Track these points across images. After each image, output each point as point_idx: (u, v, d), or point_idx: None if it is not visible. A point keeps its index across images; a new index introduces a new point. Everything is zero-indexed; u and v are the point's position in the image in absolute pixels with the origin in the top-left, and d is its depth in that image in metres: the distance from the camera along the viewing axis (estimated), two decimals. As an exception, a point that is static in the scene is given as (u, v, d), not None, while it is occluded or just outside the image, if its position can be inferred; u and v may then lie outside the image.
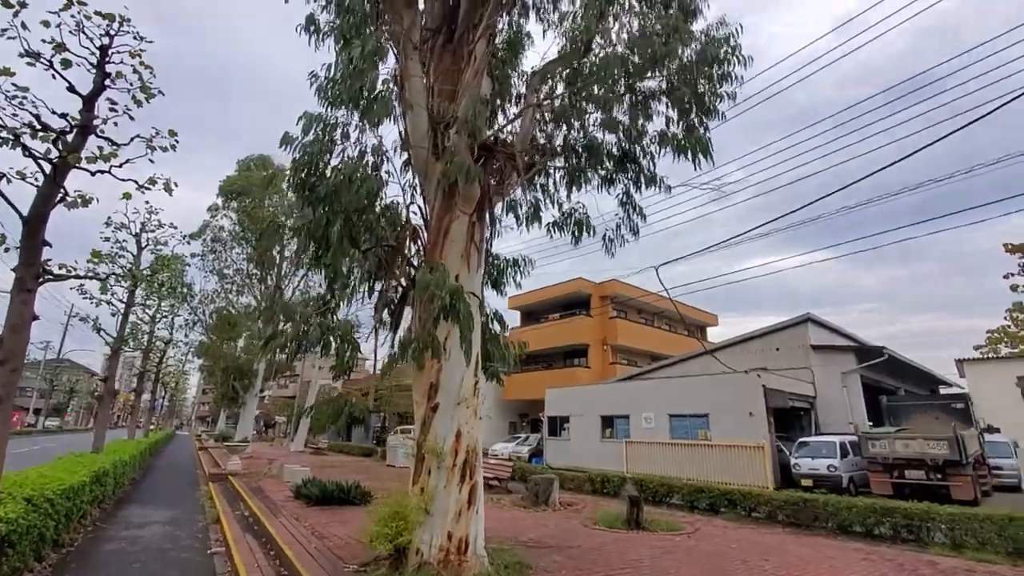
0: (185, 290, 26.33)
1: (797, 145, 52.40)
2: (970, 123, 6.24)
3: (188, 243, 23.10)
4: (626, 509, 9.07)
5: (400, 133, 6.56)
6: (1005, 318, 10.31)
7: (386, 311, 6.41)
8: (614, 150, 6.30)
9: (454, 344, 5.60)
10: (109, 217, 13.47)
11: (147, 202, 14.90)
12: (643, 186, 6.19)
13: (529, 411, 40.03)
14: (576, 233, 6.42)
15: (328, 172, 5.83)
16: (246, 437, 25.16)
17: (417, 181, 6.55)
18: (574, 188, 6.75)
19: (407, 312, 6.62)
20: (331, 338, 5.06)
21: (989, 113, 6.06)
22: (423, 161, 6.03)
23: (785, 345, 24.84)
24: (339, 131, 5.78)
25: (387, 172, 6.19)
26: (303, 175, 5.67)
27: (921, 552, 8.30)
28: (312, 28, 6.37)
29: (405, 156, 6.67)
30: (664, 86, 5.88)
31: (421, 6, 6.36)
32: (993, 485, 17.85)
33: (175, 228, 15.16)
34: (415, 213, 6.37)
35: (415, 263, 6.18)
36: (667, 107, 6.19)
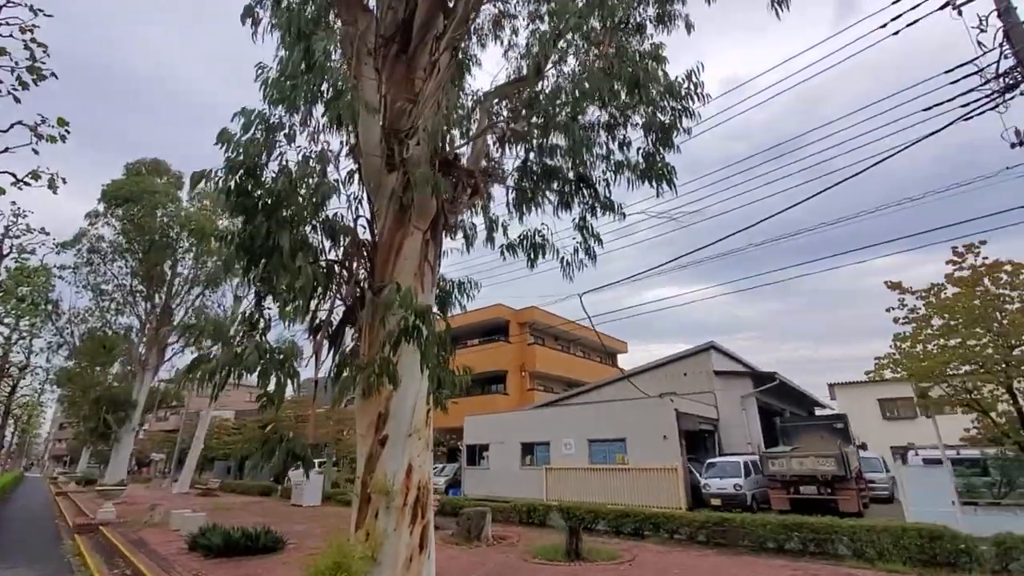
0: (49, 307, 22.79)
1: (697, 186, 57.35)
2: (824, 189, 7.10)
3: (58, 253, 20.19)
4: (564, 540, 8.86)
5: (342, 142, 6.11)
6: (891, 346, 11.82)
7: (319, 334, 5.78)
8: (570, 175, 6.30)
9: (406, 369, 5.15)
10: (-38, 219, 11.35)
11: (13, 203, 12.59)
12: (599, 212, 6.24)
13: (443, 440, 38.88)
14: (532, 256, 6.29)
15: (266, 176, 5.24)
16: (122, 480, 21.82)
17: (364, 194, 6.10)
18: (527, 211, 6.64)
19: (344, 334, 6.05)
20: (269, 364, 4.40)
21: (845, 180, 6.93)
22: (375, 172, 5.61)
23: (691, 371, 26.38)
24: (283, 132, 5.23)
25: (334, 180, 5.68)
26: (238, 178, 5.02)
27: (838, 565, 8.89)
28: (251, 20, 5.78)
29: (348, 167, 6.19)
30: (621, 117, 6.01)
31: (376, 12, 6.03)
32: (870, 497, 19.89)
33: (46, 234, 13.05)
34: (363, 227, 5.88)
35: (359, 281, 5.66)
36: (618, 144, 6.34)
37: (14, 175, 6.45)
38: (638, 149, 5.93)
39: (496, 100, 6.67)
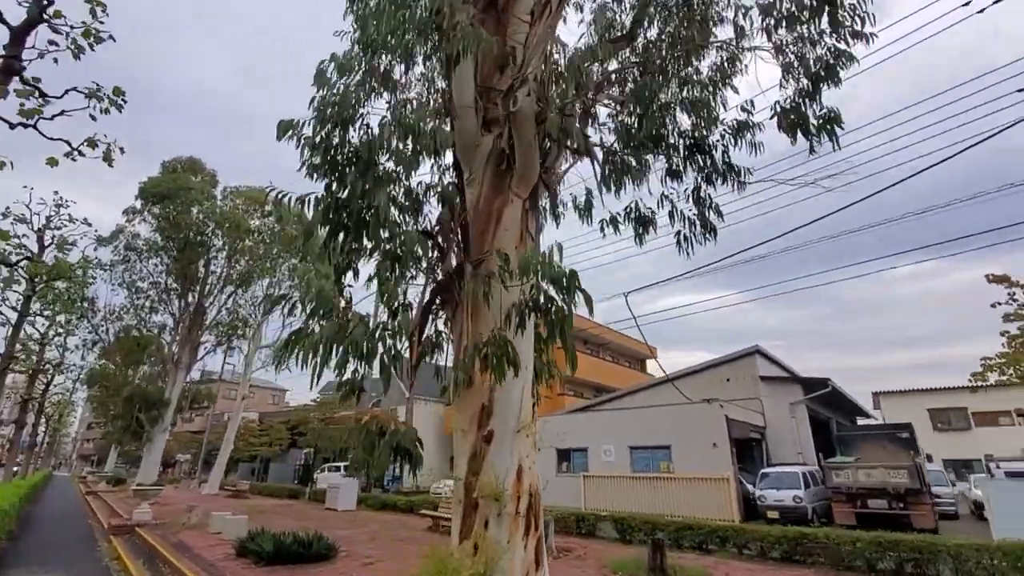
0: (85, 304, 22.67)
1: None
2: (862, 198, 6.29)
3: (96, 249, 20.03)
4: (647, 555, 8.02)
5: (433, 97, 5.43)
6: (1003, 344, 10.83)
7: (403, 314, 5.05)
8: (679, 141, 5.53)
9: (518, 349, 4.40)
10: (7, 207, 10.97)
11: (55, 192, 12.23)
12: (716, 180, 5.44)
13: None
14: (640, 231, 5.52)
15: (354, 134, 4.58)
16: (158, 480, 21.49)
17: (450, 158, 5.40)
18: (625, 183, 5.88)
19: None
20: (380, 343, 3.66)
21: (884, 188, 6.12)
22: (469, 131, 4.92)
23: (734, 376, 25.26)
24: (376, 80, 4.57)
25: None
26: (330, 129, 4.38)
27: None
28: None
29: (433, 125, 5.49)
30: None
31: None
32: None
33: (88, 225, 12.66)
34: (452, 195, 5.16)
35: (456, 252, 4.94)
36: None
37: (68, 143, 5.89)
38: (776, 102, 5.11)
39: (591, 61, 5.92)
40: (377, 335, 3.72)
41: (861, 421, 34.01)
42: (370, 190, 4.15)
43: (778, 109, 4.98)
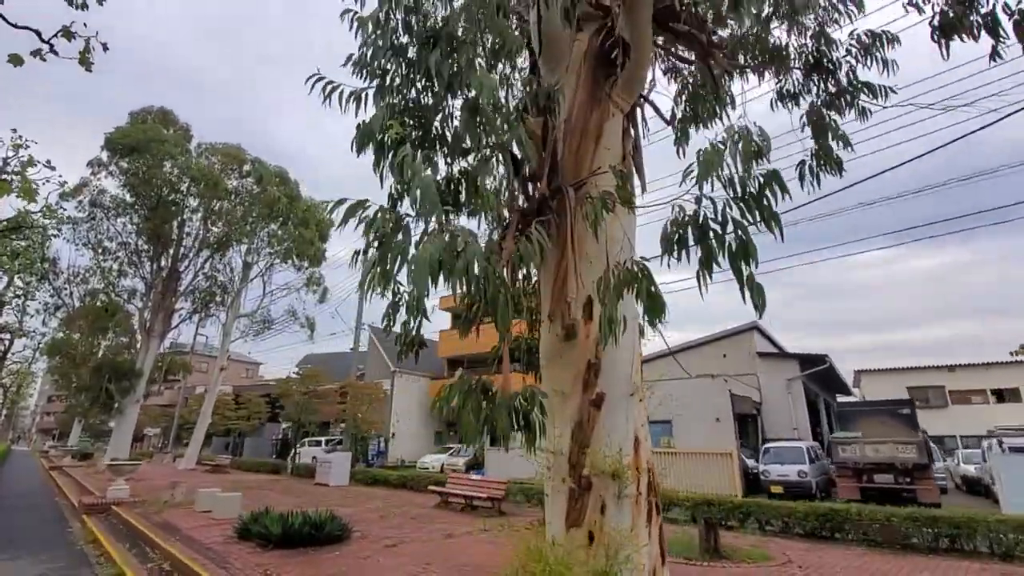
0: (46, 265, 20.76)
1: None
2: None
3: (57, 203, 18.21)
4: (699, 534, 7.38)
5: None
6: None
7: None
8: (799, 55, 4.62)
9: (628, 300, 3.51)
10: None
11: (13, 130, 10.51)
12: (844, 105, 4.56)
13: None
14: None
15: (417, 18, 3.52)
16: (144, 454, 20.09)
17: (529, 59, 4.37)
18: (719, 111, 4.95)
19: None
20: (490, 270, 2.68)
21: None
22: (557, 27, 3.90)
23: (731, 352, 25.07)
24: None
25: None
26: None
27: (1008, 564, 7.58)
28: None
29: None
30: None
31: None
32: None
33: (52, 168, 11.02)
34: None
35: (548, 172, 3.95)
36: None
37: (38, 32, 4.63)
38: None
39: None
40: (490, 258, 2.74)
41: (841, 399, 34.56)
42: (457, 74, 3.11)
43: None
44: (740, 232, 2.73)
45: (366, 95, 3.51)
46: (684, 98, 5.03)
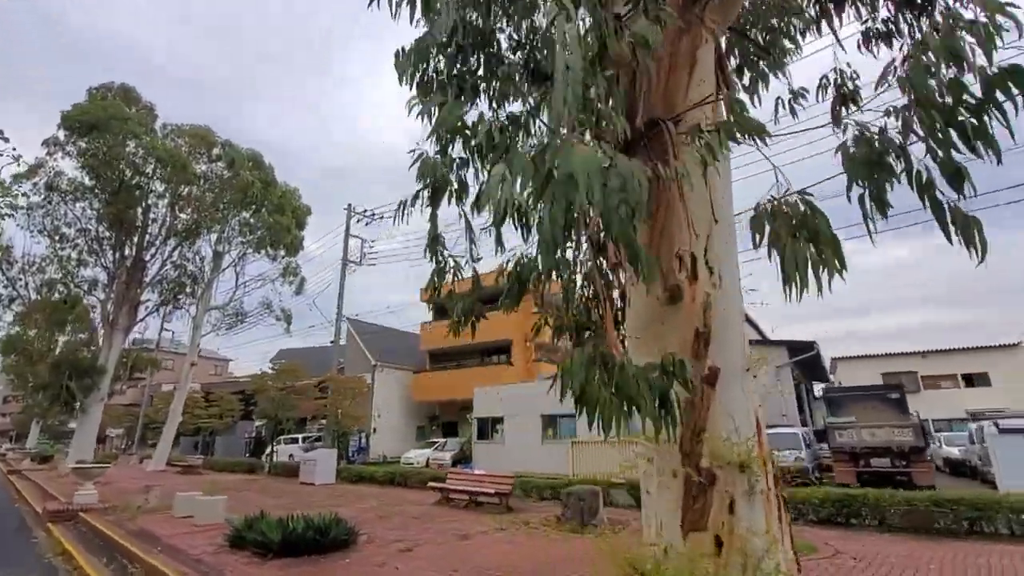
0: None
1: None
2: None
3: (13, 183, 16.70)
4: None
5: None
6: None
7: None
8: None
9: (726, 253, 2.93)
10: None
11: None
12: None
13: (440, 414, 36.63)
14: (839, 108, 4.04)
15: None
16: (108, 456, 18.69)
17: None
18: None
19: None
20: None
21: None
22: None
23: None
24: None
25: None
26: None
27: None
28: None
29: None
30: None
31: None
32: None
33: (5, 140, 9.82)
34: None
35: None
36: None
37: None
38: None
39: None
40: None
41: (826, 385, 35.16)
42: None
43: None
44: (941, 151, 2.15)
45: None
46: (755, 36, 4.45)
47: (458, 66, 3.25)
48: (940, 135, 2.14)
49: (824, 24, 4.31)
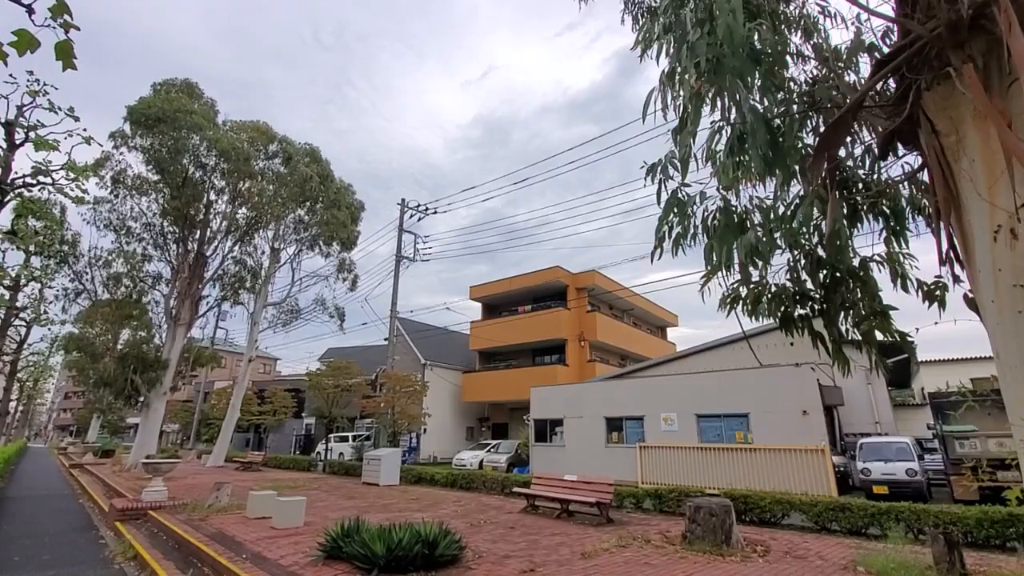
0: (65, 247, 19.26)
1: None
2: None
3: (80, 181, 16.67)
4: (938, 554, 5.58)
5: None
6: None
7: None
8: None
9: None
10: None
11: (29, 72, 8.87)
12: None
13: (490, 414, 35.78)
14: None
15: None
16: (176, 452, 18.60)
17: None
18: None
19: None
20: None
21: None
22: None
23: (800, 339, 23.16)
24: None
25: None
26: None
27: None
28: None
29: None
30: None
31: None
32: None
33: (76, 119, 9.35)
34: None
35: None
36: None
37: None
38: None
39: None
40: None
41: (929, 390, 32.57)
42: None
43: None
44: None
45: None
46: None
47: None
48: None
49: None
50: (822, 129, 3.16)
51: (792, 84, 3.43)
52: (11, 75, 8.77)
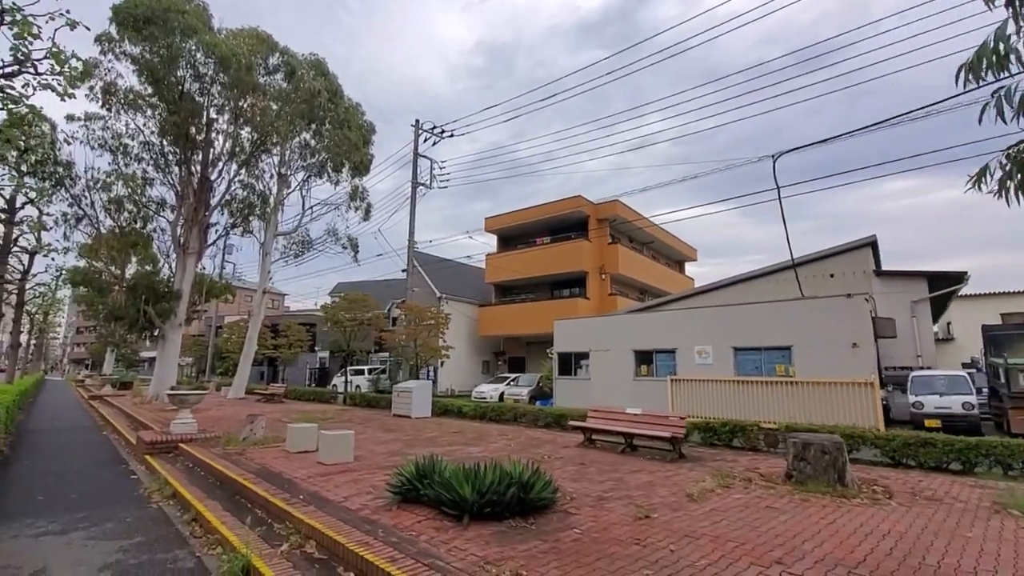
0: (60, 170, 17.80)
1: (711, 95, 49.68)
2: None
3: (68, 75, 14.98)
4: None
5: None
6: None
7: None
8: None
9: None
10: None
11: None
12: None
13: (506, 348, 35.39)
14: None
15: None
16: (203, 384, 18.05)
17: None
18: None
19: None
20: None
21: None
22: None
23: (841, 271, 22.03)
24: None
25: None
26: None
27: None
28: None
29: None
30: None
31: None
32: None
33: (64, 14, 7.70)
34: None
35: None
36: None
37: None
38: None
39: None
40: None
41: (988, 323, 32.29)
42: None
43: None
44: None
45: None
46: None
47: None
48: None
49: None
50: None
51: None
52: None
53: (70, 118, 17.59)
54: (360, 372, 32.40)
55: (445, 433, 11.39)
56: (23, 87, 8.38)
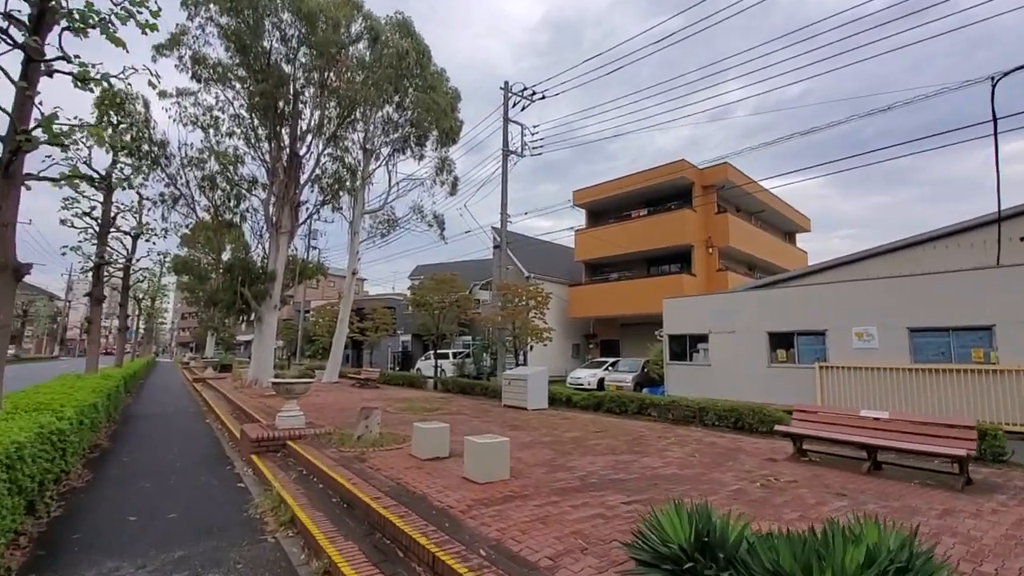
0: (155, 149, 17.44)
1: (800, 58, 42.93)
2: None
3: (154, 60, 14.17)
4: None
5: None
6: None
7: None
8: None
9: None
10: None
11: None
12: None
13: (597, 331, 33.02)
14: None
15: None
16: (312, 372, 17.51)
17: None
18: None
19: None
20: None
21: None
22: None
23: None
24: None
25: None
26: None
27: None
28: None
29: None
30: None
31: None
32: None
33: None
34: None
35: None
36: None
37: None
38: None
39: None
40: None
41: None
42: None
43: None
44: None
45: None
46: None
47: None
48: None
49: None
50: None
51: None
52: None
53: (163, 94, 17.06)
54: (444, 356, 31.32)
55: (587, 433, 9.31)
56: (119, 74, 6.74)
